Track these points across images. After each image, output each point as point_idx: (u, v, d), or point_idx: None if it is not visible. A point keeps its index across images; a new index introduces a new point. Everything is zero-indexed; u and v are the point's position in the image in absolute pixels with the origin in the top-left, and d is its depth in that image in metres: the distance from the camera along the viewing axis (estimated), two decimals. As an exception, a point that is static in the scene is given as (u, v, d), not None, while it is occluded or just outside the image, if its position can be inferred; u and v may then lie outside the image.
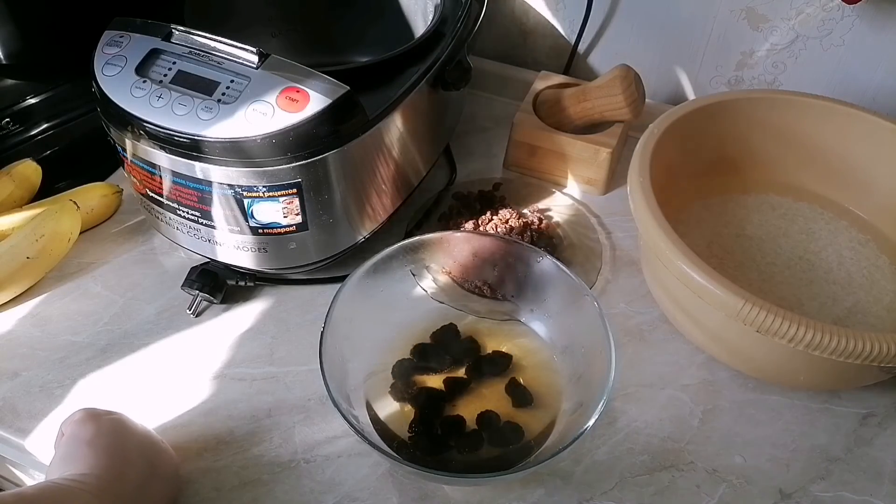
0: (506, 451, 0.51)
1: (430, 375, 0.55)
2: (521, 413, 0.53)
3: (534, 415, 0.53)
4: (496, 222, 0.68)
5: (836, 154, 0.67)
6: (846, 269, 0.63)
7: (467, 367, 0.56)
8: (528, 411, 0.54)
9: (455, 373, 0.56)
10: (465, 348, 0.57)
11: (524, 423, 0.53)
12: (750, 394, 0.59)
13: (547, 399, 0.54)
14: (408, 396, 0.54)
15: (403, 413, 0.53)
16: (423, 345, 0.57)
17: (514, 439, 0.52)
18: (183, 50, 0.55)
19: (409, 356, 0.56)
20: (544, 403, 0.54)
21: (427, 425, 0.52)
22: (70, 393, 0.58)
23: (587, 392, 0.50)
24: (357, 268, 0.54)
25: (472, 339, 0.58)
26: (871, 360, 0.47)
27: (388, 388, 0.55)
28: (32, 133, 0.74)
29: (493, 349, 0.57)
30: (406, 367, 0.56)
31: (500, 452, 0.51)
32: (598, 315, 0.51)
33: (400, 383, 0.55)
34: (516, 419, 0.53)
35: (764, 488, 0.53)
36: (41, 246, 0.63)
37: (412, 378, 0.55)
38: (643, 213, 0.55)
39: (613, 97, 0.70)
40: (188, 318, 0.63)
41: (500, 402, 0.54)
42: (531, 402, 0.54)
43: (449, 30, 0.64)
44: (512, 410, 0.54)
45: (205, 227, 0.60)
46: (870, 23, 0.71)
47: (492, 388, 0.55)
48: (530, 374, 0.56)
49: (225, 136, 0.52)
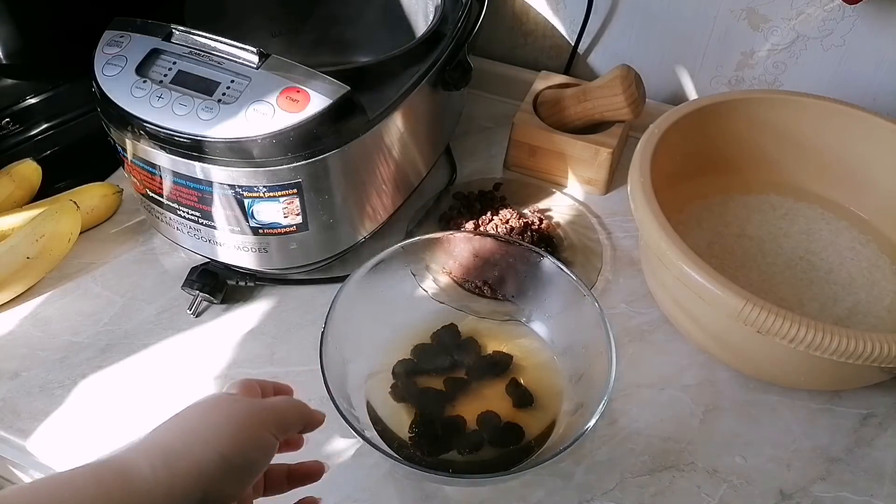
0: (506, 451, 0.51)
1: (431, 376, 0.55)
2: (522, 413, 0.53)
3: (534, 415, 0.53)
4: (496, 222, 0.68)
5: (837, 154, 0.67)
6: (847, 269, 0.63)
7: (468, 367, 0.56)
8: (528, 412, 0.54)
9: (456, 373, 0.56)
10: (466, 349, 0.57)
11: (524, 424, 0.53)
12: (750, 394, 0.59)
13: (547, 399, 0.54)
14: (408, 397, 0.54)
15: (404, 413, 0.53)
16: (423, 345, 0.57)
17: (514, 440, 0.52)
18: (183, 50, 0.55)
19: (409, 356, 0.56)
20: (545, 404, 0.54)
21: (427, 426, 0.52)
22: (70, 393, 0.58)
23: (588, 392, 0.50)
24: (357, 268, 0.54)
25: (472, 340, 0.58)
26: (872, 360, 0.47)
27: (388, 389, 0.54)
28: (32, 133, 0.74)
29: (494, 349, 0.57)
30: (407, 368, 0.56)
31: (500, 453, 0.51)
32: (598, 315, 0.51)
33: (400, 384, 0.55)
34: (517, 420, 0.53)
35: (764, 489, 0.53)
36: (41, 246, 0.63)
37: (413, 378, 0.55)
38: (644, 213, 0.55)
39: (614, 97, 0.70)
40: (188, 319, 0.63)
41: (501, 403, 0.54)
42: (532, 403, 0.54)
43: (449, 30, 0.64)
44: (512, 411, 0.54)
45: (205, 227, 0.60)
46: (870, 23, 0.71)
47: (492, 388, 0.55)
48: (531, 375, 0.56)
49: (225, 136, 0.52)
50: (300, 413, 0.43)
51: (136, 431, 0.55)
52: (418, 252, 0.58)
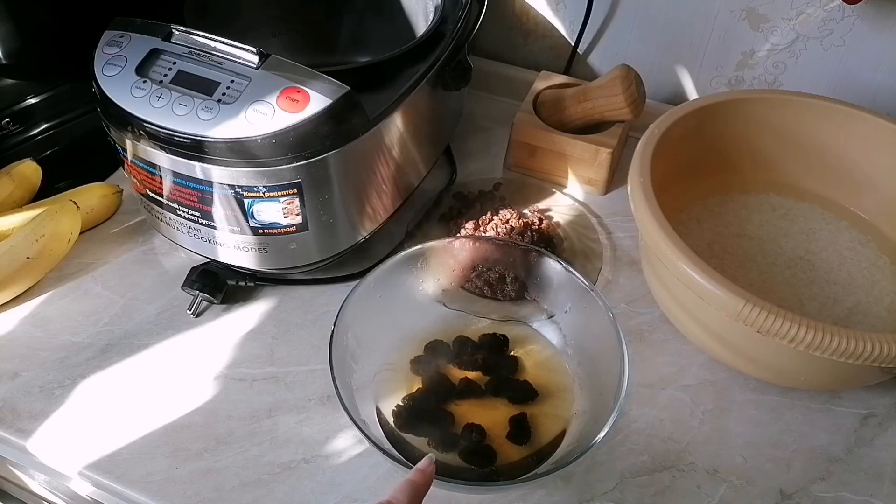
0: (466, 468, 0.50)
1: (457, 369, 0.55)
2: (533, 414, 0.53)
3: (544, 415, 0.53)
4: (496, 222, 0.68)
5: (837, 154, 0.67)
6: (847, 269, 0.63)
7: (488, 381, 0.55)
8: (537, 409, 0.53)
9: (474, 377, 0.55)
10: (500, 364, 0.56)
11: (536, 427, 0.52)
12: (750, 394, 0.59)
13: (557, 401, 0.54)
14: (424, 371, 0.55)
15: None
16: (466, 340, 0.57)
17: (482, 462, 0.51)
18: (183, 50, 0.55)
19: (451, 348, 0.57)
20: (554, 407, 0.54)
21: (417, 403, 0.52)
22: (70, 393, 0.58)
23: (598, 396, 0.50)
24: (363, 278, 0.54)
25: (513, 358, 0.56)
26: (872, 360, 0.47)
27: (401, 380, 0.55)
28: (32, 133, 0.74)
29: (523, 376, 0.56)
30: (447, 352, 0.56)
31: (463, 468, 0.50)
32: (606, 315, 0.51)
33: (426, 357, 0.55)
34: (499, 444, 0.52)
35: (764, 489, 0.53)
36: (41, 246, 0.63)
37: (441, 362, 0.55)
38: (643, 213, 0.55)
39: (614, 97, 0.70)
40: (188, 319, 0.63)
41: (498, 427, 0.53)
42: (527, 440, 0.52)
43: (449, 30, 0.64)
44: (503, 439, 0.52)
45: (205, 227, 0.60)
46: (870, 23, 0.71)
47: (499, 410, 0.54)
48: (535, 373, 0.56)
49: (225, 136, 0.52)
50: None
51: (136, 431, 0.55)
52: (423, 258, 0.58)
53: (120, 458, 0.54)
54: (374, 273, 0.55)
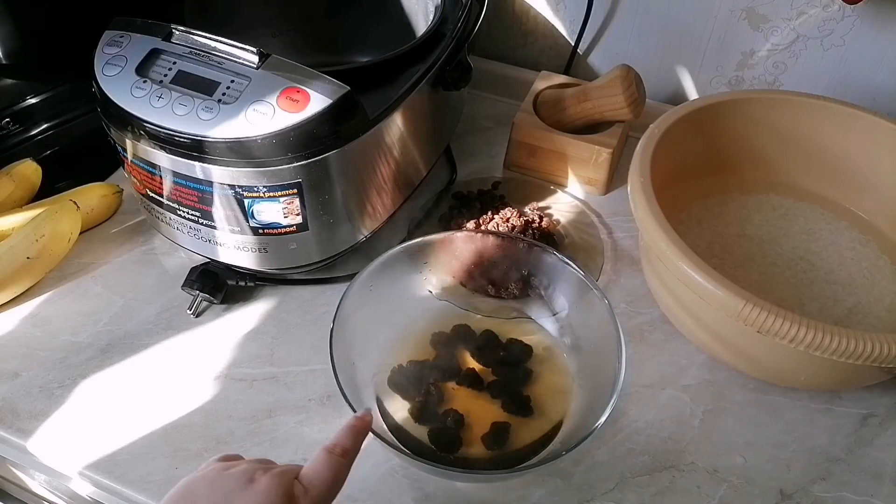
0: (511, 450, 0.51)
1: (471, 358, 0.56)
2: (517, 426, 0.53)
3: (528, 429, 0.53)
4: (497, 221, 0.68)
5: (837, 154, 0.67)
6: (847, 269, 0.63)
7: (493, 381, 0.55)
8: (524, 423, 0.53)
9: (481, 370, 0.55)
10: (514, 371, 0.56)
11: (513, 439, 0.52)
12: (750, 394, 0.59)
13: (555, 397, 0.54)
14: (440, 347, 0.56)
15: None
16: (492, 335, 0.57)
17: (452, 447, 0.51)
18: (183, 50, 0.55)
19: (477, 337, 0.57)
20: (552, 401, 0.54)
21: (422, 370, 0.54)
22: (70, 393, 0.58)
23: (595, 390, 0.50)
24: (362, 270, 0.54)
25: (528, 372, 0.56)
26: (872, 360, 0.47)
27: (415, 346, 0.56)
28: (32, 133, 0.74)
29: (528, 391, 0.55)
30: (472, 340, 0.57)
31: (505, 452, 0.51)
32: (606, 311, 0.52)
33: (449, 336, 0.56)
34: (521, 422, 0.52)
35: (764, 489, 0.53)
36: (41, 246, 0.63)
37: (460, 346, 0.56)
38: (644, 213, 0.55)
39: (614, 97, 0.70)
40: (188, 319, 0.63)
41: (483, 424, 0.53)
42: (497, 450, 0.52)
43: (449, 30, 0.64)
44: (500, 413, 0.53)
45: (205, 227, 0.60)
46: (870, 23, 0.71)
47: (489, 409, 0.54)
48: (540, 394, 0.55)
49: (225, 136, 0.52)
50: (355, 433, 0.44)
51: (136, 432, 0.55)
52: (422, 252, 0.58)
53: (120, 458, 0.54)
54: (371, 266, 0.54)
